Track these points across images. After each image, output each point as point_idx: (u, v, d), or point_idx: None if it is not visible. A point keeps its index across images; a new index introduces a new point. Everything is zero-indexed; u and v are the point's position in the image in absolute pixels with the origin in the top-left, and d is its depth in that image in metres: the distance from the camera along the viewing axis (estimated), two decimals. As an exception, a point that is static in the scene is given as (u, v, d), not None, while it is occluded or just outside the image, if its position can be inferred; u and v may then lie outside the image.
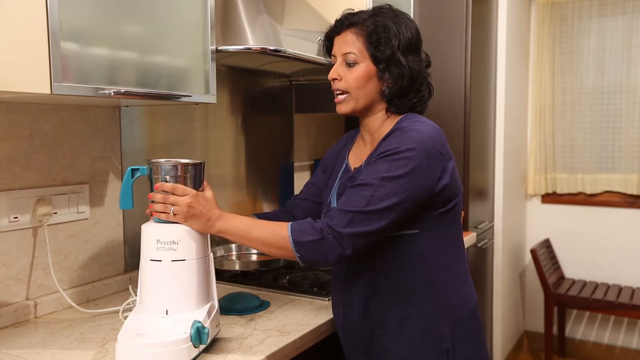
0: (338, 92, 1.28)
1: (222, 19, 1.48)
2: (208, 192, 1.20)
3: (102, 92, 1.13)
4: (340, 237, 1.13)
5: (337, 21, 1.31)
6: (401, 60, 1.22)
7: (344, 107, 1.28)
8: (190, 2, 1.34)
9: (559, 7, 3.59)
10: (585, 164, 3.60)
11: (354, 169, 1.30)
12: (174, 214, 1.14)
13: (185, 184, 1.16)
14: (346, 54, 1.25)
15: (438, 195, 1.19)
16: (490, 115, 3.20)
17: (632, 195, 3.49)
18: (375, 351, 1.27)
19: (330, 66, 1.32)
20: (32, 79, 1.01)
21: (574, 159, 3.63)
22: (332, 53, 1.31)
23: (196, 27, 1.37)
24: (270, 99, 2.19)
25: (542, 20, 3.63)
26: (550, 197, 3.74)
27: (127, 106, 1.59)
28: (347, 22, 1.27)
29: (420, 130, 1.18)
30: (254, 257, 1.88)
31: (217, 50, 1.43)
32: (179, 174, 1.16)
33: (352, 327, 1.29)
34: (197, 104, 1.42)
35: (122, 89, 1.17)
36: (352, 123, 2.63)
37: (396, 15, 1.26)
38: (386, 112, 1.28)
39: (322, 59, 1.62)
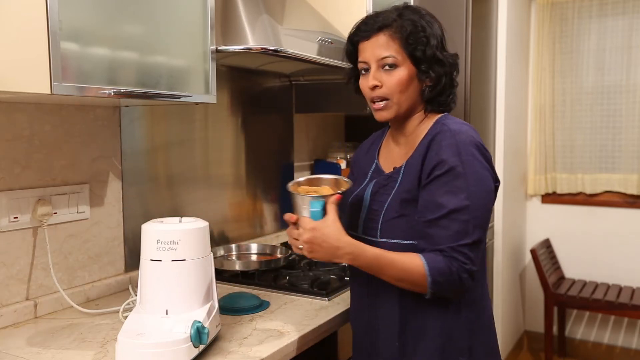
0: (378, 99, 1.21)
1: (222, 19, 1.48)
2: (330, 218, 1.13)
3: (102, 92, 1.13)
4: (465, 272, 1.10)
5: (362, 25, 1.22)
6: (441, 58, 1.20)
7: (386, 114, 1.21)
8: (190, 2, 1.34)
9: (559, 7, 3.59)
10: (585, 164, 3.60)
11: (394, 168, 1.25)
12: (301, 249, 1.15)
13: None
14: (384, 58, 1.18)
15: None
16: (490, 115, 3.19)
17: (632, 195, 3.49)
18: None
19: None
20: (32, 79, 1.02)
21: (574, 159, 3.63)
22: (363, 60, 1.21)
23: (196, 27, 1.37)
24: (270, 99, 2.19)
25: (542, 20, 3.63)
26: (550, 197, 3.74)
27: (127, 106, 1.59)
28: (376, 24, 1.19)
29: (470, 135, 1.16)
30: (254, 257, 1.88)
31: (217, 50, 1.43)
32: (306, 206, 1.14)
33: (378, 330, 1.24)
34: (197, 104, 1.42)
35: (122, 89, 1.17)
36: (352, 123, 2.63)
37: (418, 11, 1.23)
38: (424, 112, 1.24)
39: (322, 59, 1.62)
